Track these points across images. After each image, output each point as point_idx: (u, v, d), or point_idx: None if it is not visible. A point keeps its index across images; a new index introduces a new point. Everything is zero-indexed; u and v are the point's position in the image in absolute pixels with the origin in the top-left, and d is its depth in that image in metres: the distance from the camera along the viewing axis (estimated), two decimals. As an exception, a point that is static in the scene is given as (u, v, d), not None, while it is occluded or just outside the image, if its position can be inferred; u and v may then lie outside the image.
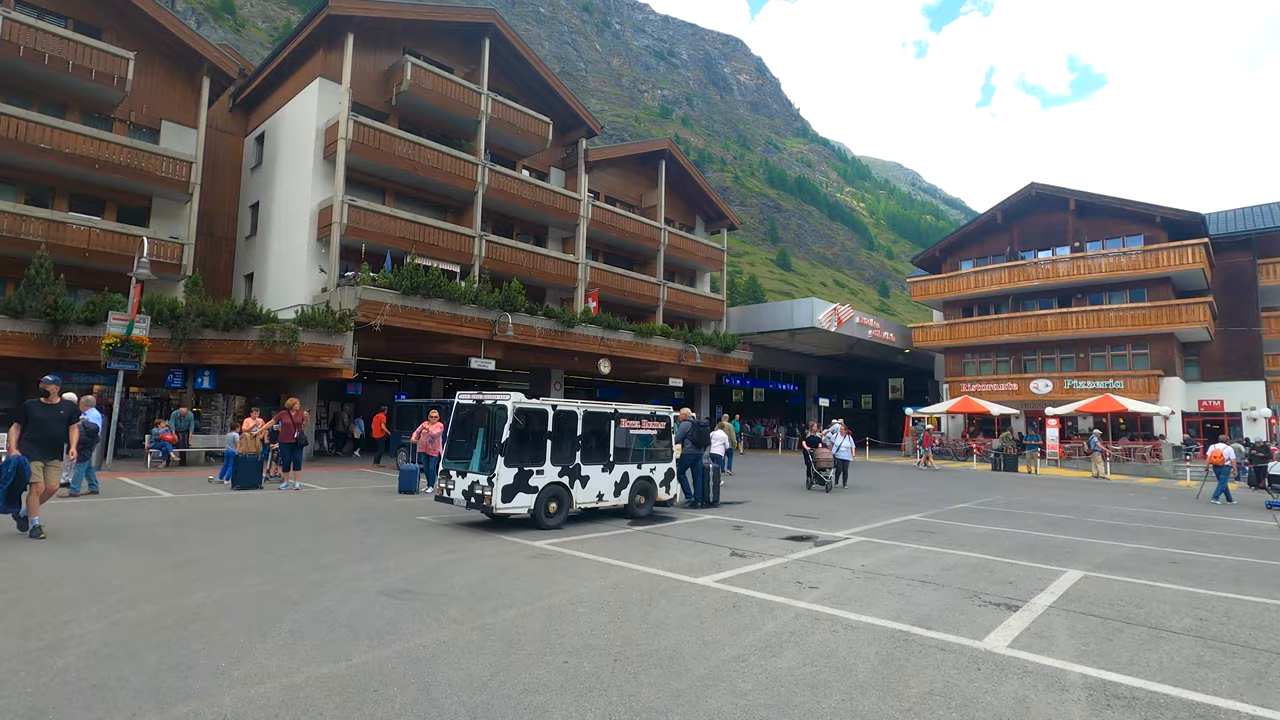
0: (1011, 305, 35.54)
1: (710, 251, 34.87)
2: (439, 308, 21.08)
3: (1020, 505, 14.74)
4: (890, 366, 45.37)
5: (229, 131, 26.36)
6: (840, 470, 15.94)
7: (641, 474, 10.95)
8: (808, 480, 15.67)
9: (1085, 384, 32.23)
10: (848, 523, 11.13)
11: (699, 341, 30.48)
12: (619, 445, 10.59)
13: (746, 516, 11.51)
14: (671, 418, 11.63)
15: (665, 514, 11.52)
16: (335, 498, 12.32)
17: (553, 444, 9.56)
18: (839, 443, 16.26)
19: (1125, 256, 31.91)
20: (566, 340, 25.16)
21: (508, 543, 8.41)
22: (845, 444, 16.38)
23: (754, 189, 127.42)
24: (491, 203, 25.46)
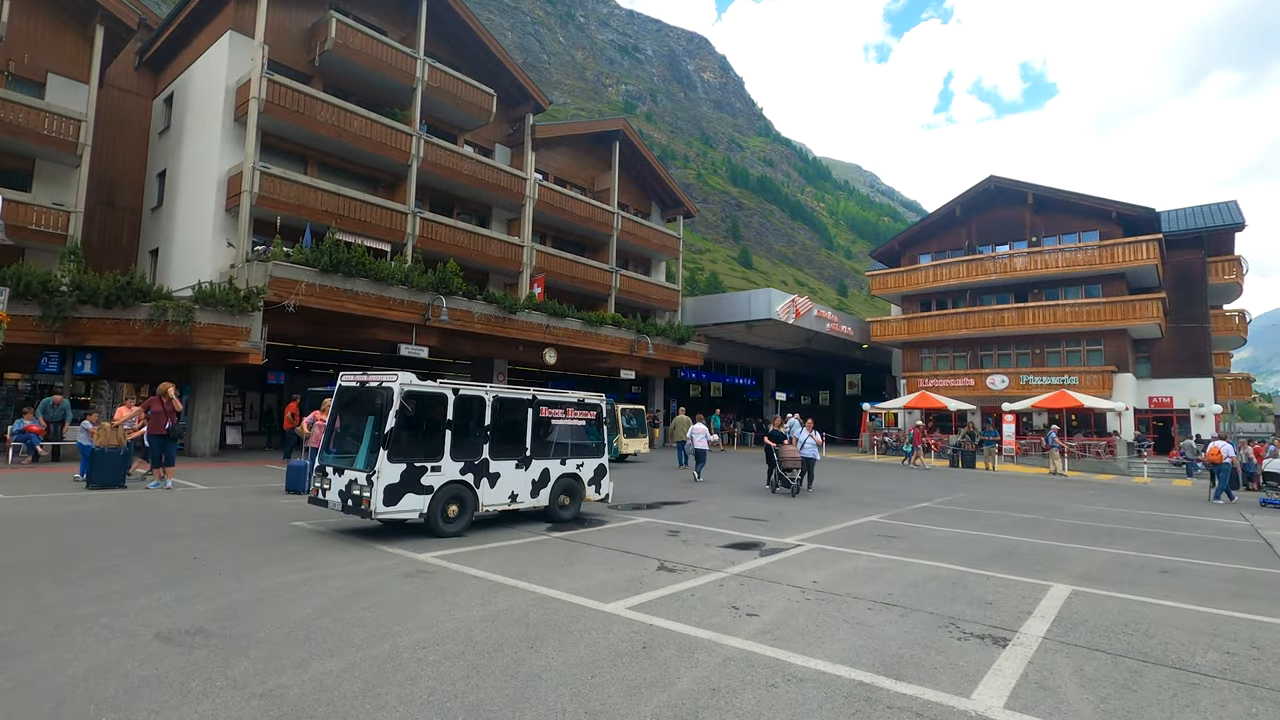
0: (969, 300, 35.11)
1: (666, 239, 33.51)
2: (364, 288, 19.18)
3: (984, 504, 13.74)
4: (848, 362, 44.80)
5: (135, 92, 23.86)
6: (806, 470, 14.04)
7: (566, 471, 9.46)
8: (770, 482, 13.90)
9: (1041, 379, 31.91)
10: (799, 526, 9.84)
11: (652, 332, 29.10)
12: (538, 438, 9.07)
13: (688, 519, 10.13)
14: (604, 407, 10.15)
15: (596, 516, 10.05)
16: (206, 499, 10.51)
17: (454, 435, 7.99)
18: (804, 438, 14.36)
19: (1081, 252, 31.66)
20: (509, 328, 23.47)
21: (386, 555, 6.84)
22: (810, 440, 14.42)
23: (716, 186, 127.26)
24: (429, 178, 23.58)
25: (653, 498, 12.69)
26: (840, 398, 48.52)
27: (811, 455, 14.20)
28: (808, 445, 14.20)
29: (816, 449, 14.62)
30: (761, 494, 13.91)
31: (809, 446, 14.22)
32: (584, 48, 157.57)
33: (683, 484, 15.47)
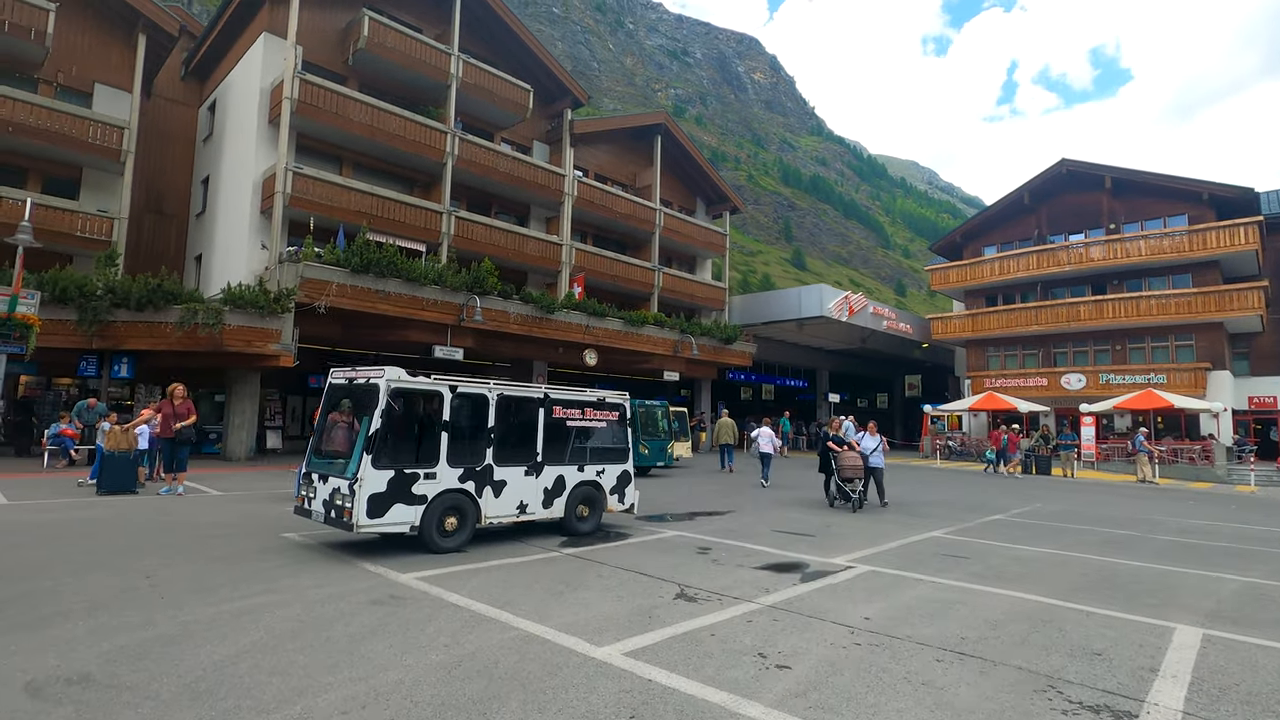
0: (1040, 293, 32.61)
1: (711, 236, 32.31)
2: (396, 288, 18.73)
3: (1067, 517, 12.09)
4: (907, 362, 42.53)
5: (181, 102, 24.24)
6: (873, 481, 11.98)
7: (584, 479, 8.47)
8: (828, 494, 11.87)
9: (1123, 378, 29.27)
10: (850, 543, 8.57)
11: (697, 332, 27.94)
12: (552, 441, 8.11)
13: (723, 533, 8.99)
14: (628, 407, 9.13)
15: (619, 529, 9.03)
16: (214, 506, 9.96)
17: (451, 438, 7.10)
18: (871, 444, 12.02)
19: (1168, 238, 28.91)
20: (546, 328, 22.74)
21: (361, 576, 5.98)
22: (875, 446, 12.01)
23: (768, 187, 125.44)
24: (464, 176, 23.11)
25: (689, 506, 11.58)
26: (899, 400, 46.20)
27: (878, 463, 12.04)
28: (874, 452, 11.93)
29: (882, 457, 12.29)
30: (811, 505, 12.61)
31: (875, 454, 11.97)
32: (633, 54, 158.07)
33: (724, 491, 14.30)
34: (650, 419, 18.25)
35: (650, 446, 17.48)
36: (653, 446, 17.64)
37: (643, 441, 16.88)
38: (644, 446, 16.97)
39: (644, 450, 16.89)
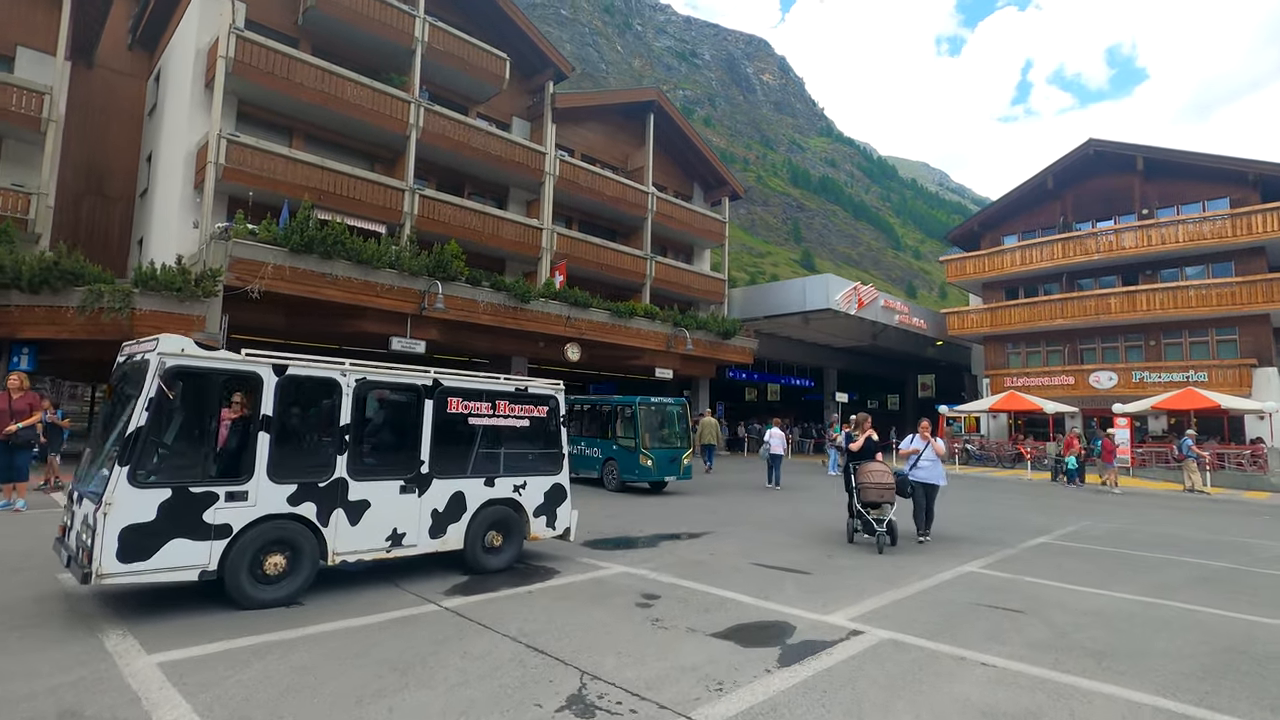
0: (1065, 285, 30.16)
1: (709, 224, 30.05)
2: (345, 271, 16.60)
3: (1128, 538, 9.75)
4: (919, 361, 40.07)
5: (128, 73, 22.27)
6: (923, 506, 8.44)
7: (495, 496, 6.25)
8: (849, 524, 8.33)
9: (1158, 376, 26.78)
10: (857, 583, 6.31)
11: (691, 325, 25.68)
12: (444, 445, 5.90)
13: (686, 568, 6.75)
14: (560, 400, 6.90)
15: (549, 562, 6.81)
16: (30, 528, 7.79)
17: (275, 441, 4.91)
18: (923, 451, 8.44)
19: (1208, 222, 26.39)
20: (523, 319, 20.55)
21: (86, 657, 3.77)
22: (930, 456, 8.46)
23: (777, 188, 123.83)
24: (433, 153, 21.00)
25: (657, 524, 9.34)
26: (911, 400, 43.69)
27: (930, 479, 8.45)
28: (924, 462, 8.42)
29: (938, 465, 8.52)
30: (811, 523, 10.35)
31: (929, 467, 8.43)
32: (641, 55, 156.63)
33: (709, 502, 12.05)
34: (661, 420, 14.45)
35: (657, 457, 13.63)
36: (660, 457, 13.68)
37: (646, 451, 13.58)
38: (648, 457, 13.55)
39: (648, 462, 13.53)
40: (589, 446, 14.80)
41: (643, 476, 13.74)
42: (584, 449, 14.78)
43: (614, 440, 14.28)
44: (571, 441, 13.88)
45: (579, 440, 14.84)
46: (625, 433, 14.10)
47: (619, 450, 14.10)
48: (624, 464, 13.86)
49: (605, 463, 14.38)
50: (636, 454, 13.59)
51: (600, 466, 14.46)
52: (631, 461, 13.67)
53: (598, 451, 14.64)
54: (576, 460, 14.12)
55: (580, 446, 14.77)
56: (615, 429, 14.37)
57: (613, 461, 14.20)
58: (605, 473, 14.34)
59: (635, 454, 13.60)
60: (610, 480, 14.24)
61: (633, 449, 13.71)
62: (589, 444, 14.84)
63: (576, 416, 15.37)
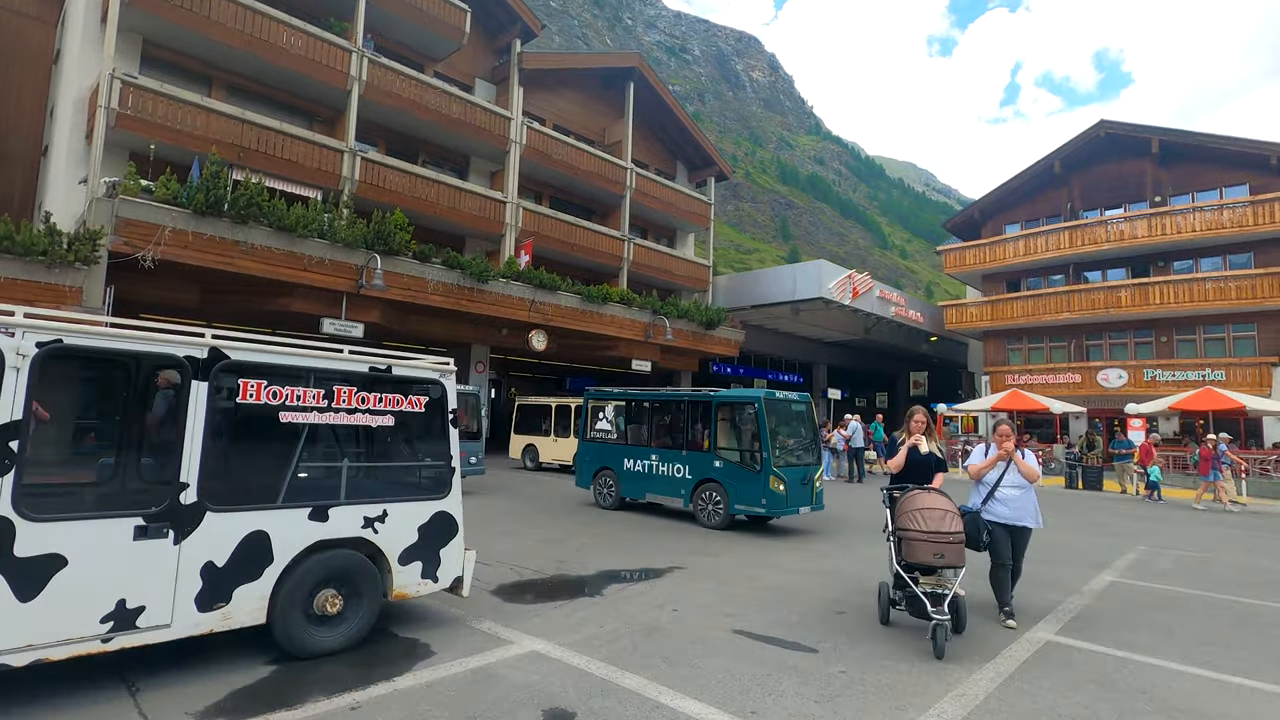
0: (1070, 277, 28.26)
1: (693, 204, 27.79)
2: (264, 240, 14.18)
3: (1215, 576, 7.66)
4: (912, 357, 38.15)
5: (36, 18, 19.58)
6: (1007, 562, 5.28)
7: (329, 536, 3.98)
8: (884, 592, 5.10)
9: (1171, 375, 24.94)
10: (893, 687, 4.09)
11: (672, 313, 23.44)
12: (228, 457, 3.62)
13: (629, 645, 4.54)
14: (449, 386, 4.61)
15: (423, 629, 4.55)
16: None
17: None
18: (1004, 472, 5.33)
19: (1227, 210, 24.54)
20: (481, 301, 18.19)
21: None
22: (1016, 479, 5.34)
23: (765, 185, 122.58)
24: (381, 113, 18.57)
25: (602, 556, 7.08)
26: (902, 398, 41.74)
27: (1022, 518, 5.28)
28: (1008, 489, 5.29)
29: (1030, 494, 5.35)
30: (819, 563, 8.17)
31: (1011, 491, 5.29)
32: (631, 49, 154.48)
33: (671, 527, 9.84)
34: (788, 424, 10.13)
35: (788, 478, 9.30)
36: (791, 477, 9.37)
37: (777, 472, 9.19)
38: (779, 480, 9.18)
39: (778, 486, 9.15)
40: (665, 461, 10.54)
41: (772, 507, 9.09)
42: (656, 464, 10.64)
43: (714, 453, 9.88)
44: (631, 453, 10.96)
45: (645, 452, 10.87)
46: (736, 441, 9.88)
47: (726, 469, 9.70)
48: (737, 488, 9.49)
49: (699, 486, 9.97)
50: (761, 475, 9.19)
51: (689, 492, 10.08)
52: (750, 484, 9.32)
53: (683, 470, 10.27)
54: (644, 481, 10.74)
55: (649, 461, 10.74)
56: (715, 437, 9.97)
57: (713, 485, 9.78)
58: (698, 500, 9.93)
59: (758, 474, 9.24)
60: (711, 512, 9.71)
61: (752, 466, 9.35)
62: (665, 458, 10.56)
63: (636, 417, 11.64)
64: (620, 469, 11.13)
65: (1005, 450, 5.32)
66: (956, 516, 4.64)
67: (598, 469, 11.59)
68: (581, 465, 11.99)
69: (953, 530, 4.53)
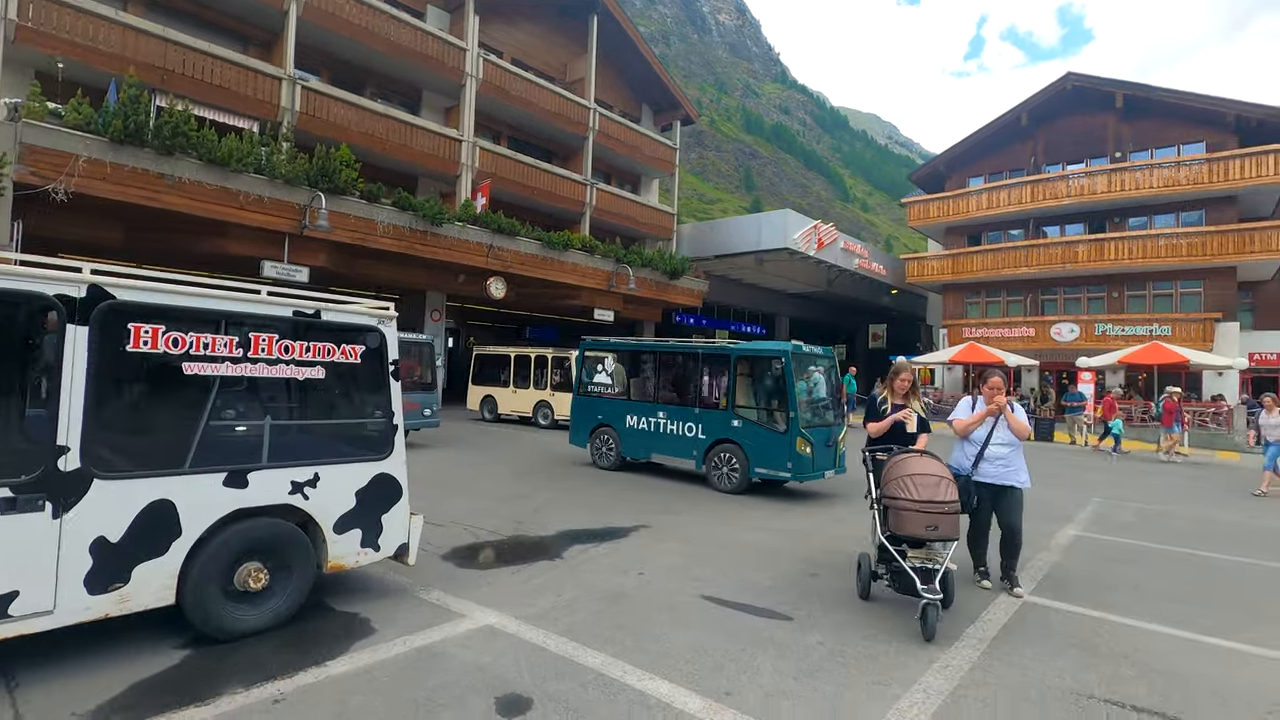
0: (1030, 231, 28.50)
1: (658, 149, 26.87)
2: (193, 174, 13.02)
3: (1172, 529, 7.75)
4: (872, 310, 38.45)
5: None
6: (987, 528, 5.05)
7: (250, 504, 3.49)
8: (864, 565, 4.64)
9: (1120, 330, 25.58)
10: (874, 657, 3.86)
11: (636, 262, 22.83)
12: (119, 415, 3.09)
13: (591, 615, 4.23)
14: (389, 335, 4.08)
15: (363, 601, 4.15)
16: None
17: None
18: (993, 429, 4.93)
19: (1184, 168, 24.83)
20: (435, 246, 17.30)
21: None
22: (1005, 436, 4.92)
23: (729, 134, 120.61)
24: (323, 38, 17.14)
25: (564, 512, 6.74)
26: (861, 351, 42.32)
27: (1010, 478, 4.90)
28: (997, 447, 4.91)
29: (1019, 452, 4.99)
30: (792, 524, 7.98)
31: (1000, 450, 4.91)
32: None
33: (639, 482, 9.56)
34: (813, 380, 9.36)
35: (814, 440, 8.57)
36: (817, 439, 8.64)
37: (805, 433, 8.45)
38: (805, 441, 8.41)
39: (805, 449, 8.41)
40: (675, 420, 9.65)
41: (798, 471, 8.31)
42: (664, 423, 9.76)
43: (733, 411, 9.07)
44: (634, 410, 10.07)
45: (651, 409, 9.99)
46: (757, 399, 9.06)
47: (745, 429, 8.90)
48: (758, 449, 8.69)
49: (714, 447, 9.13)
50: (787, 436, 8.41)
51: (703, 452, 9.24)
52: (774, 446, 8.54)
53: (695, 429, 9.41)
54: (649, 440, 9.86)
55: (656, 419, 9.86)
56: (734, 393, 9.11)
57: (730, 446, 8.95)
58: (711, 462, 9.12)
59: (783, 435, 8.47)
60: (726, 475, 8.92)
61: (776, 427, 8.57)
62: (675, 416, 9.68)
63: (641, 370, 10.71)
64: (621, 427, 10.19)
65: (998, 404, 4.89)
66: (952, 484, 4.16)
67: (595, 426, 10.57)
68: (577, 421, 10.93)
69: (948, 499, 4.06)
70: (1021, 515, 4.94)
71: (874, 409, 5.11)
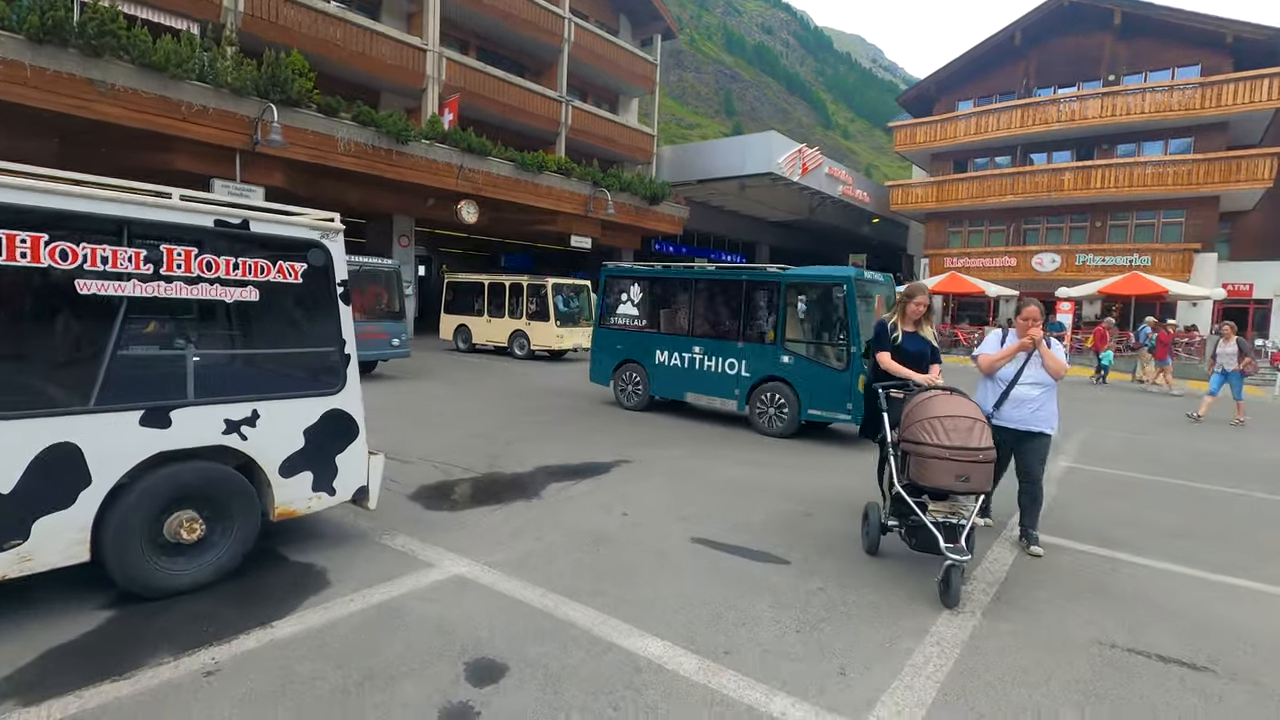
0: (1018, 158, 27.88)
1: (637, 64, 25.40)
2: (128, 80, 11.81)
3: (1166, 461, 7.65)
4: (853, 239, 37.88)
5: None
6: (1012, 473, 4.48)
7: (176, 445, 3.02)
8: (874, 515, 4.08)
9: (1100, 260, 25.45)
10: (879, 606, 3.61)
11: (614, 186, 21.86)
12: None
13: (572, 560, 3.90)
14: (335, 250, 3.52)
15: (318, 549, 3.75)
16: None
17: None
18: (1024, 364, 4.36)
19: (1177, 91, 24.16)
20: (401, 166, 16.25)
21: None
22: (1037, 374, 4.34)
23: (710, 54, 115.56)
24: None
25: (539, 455, 6.36)
26: (842, 281, 42.03)
27: (1039, 423, 4.34)
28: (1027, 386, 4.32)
29: (1052, 394, 4.42)
30: (780, 452, 7.69)
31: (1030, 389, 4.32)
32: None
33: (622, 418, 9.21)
34: (872, 311, 7.87)
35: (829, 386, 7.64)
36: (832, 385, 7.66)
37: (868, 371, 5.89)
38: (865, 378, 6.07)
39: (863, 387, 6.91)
40: (713, 355, 8.56)
41: (860, 413, 6.43)
42: (700, 358, 8.67)
43: (782, 346, 7.97)
44: (665, 344, 8.95)
45: (685, 344, 8.84)
46: (810, 332, 7.97)
47: (797, 365, 7.83)
48: (812, 389, 7.70)
49: (760, 386, 8.12)
50: (847, 373, 7.41)
51: (746, 391, 8.23)
52: (831, 386, 7.55)
53: (738, 365, 8.33)
54: (682, 378, 8.82)
55: (691, 354, 8.75)
56: (784, 326, 8.00)
57: (779, 385, 7.94)
58: (756, 403, 8.14)
59: (842, 373, 7.48)
60: (773, 417, 7.96)
61: (834, 364, 7.59)
62: (713, 351, 8.57)
63: (673, 300, 9.44)
64: (650, 363, 9.12)
65: (1032, 338, 4.27)
66: (986, 427, 3.57)
67: (620, 362, 9.48)
68: (598, 357, 9.88)
69: (983, 445, 3.49)
70: (1044, 464, 4.40)
71: (883, 336, 4.57)
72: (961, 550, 3.36)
